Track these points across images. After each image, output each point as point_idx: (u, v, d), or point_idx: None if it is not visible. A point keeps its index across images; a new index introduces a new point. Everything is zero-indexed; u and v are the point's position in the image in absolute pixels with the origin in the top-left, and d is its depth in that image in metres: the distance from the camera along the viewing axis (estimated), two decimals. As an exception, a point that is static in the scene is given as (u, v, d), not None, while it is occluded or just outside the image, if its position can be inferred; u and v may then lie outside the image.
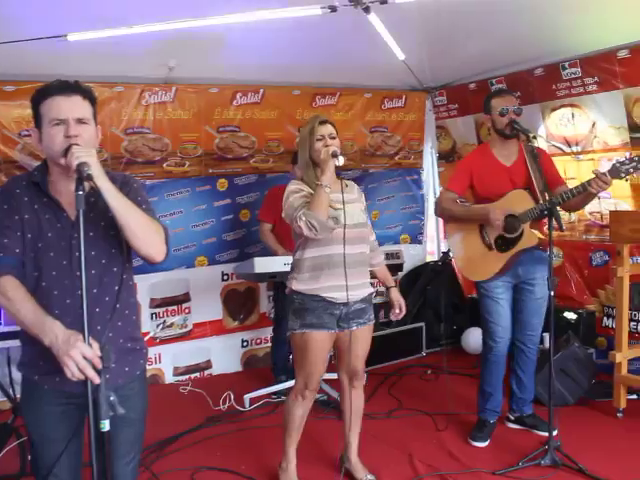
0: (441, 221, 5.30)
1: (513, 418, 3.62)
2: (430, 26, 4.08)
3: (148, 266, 1.96)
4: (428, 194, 5.93)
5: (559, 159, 4.53)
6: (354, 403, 3.05)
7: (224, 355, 4.99)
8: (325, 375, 3.19)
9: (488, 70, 4.89)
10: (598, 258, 4.51)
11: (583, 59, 4.23)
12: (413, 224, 5.92)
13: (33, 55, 3.50)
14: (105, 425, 1.62)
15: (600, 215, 4.38)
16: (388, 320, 5.10)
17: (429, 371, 4.72)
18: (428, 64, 4.95)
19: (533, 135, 3.22)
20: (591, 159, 4.42)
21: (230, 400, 4.19)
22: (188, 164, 4.72)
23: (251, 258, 4.03)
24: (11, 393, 3.59)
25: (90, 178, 1.65)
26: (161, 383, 4.65)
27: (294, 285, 2.84)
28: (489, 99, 3.44)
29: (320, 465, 3.23)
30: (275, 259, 3.98)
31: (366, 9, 3.21)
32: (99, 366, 1.62)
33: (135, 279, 2.03)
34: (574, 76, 4.31)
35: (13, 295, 1.73)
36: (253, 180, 5.03)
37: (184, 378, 4.76)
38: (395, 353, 4.89)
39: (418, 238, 5.95)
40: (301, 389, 2.88)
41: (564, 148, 4.59)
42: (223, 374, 4.91)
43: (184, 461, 3.32)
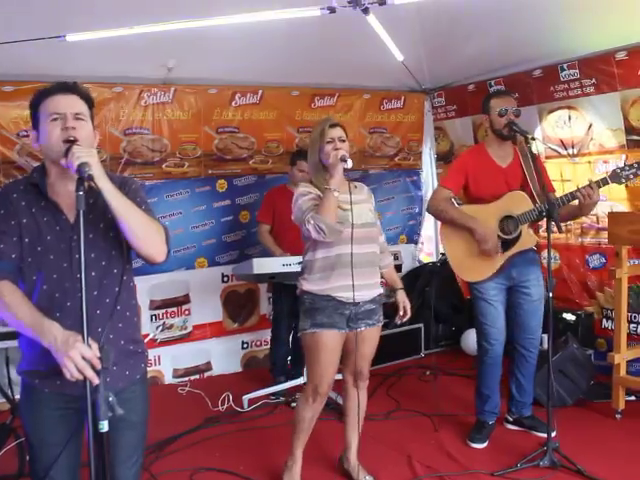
0: (439, 222, 5.30)
1: (512, 419, 3.62)
2: (429, 27, 4.09)
3: (148, 267, 1.95)
4: (427, 195, 5.94)
5: (555, 161, 4.55)
6: (357, 403, 3.04)
7: (224, 357, 4.98)
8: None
9: (487, 71, 4.90)
10: (595, 261, 4.51)
11: (582, 60, 4.24)
12: (412, 225, 5.93)
13: (32, 56, 3.50)
14: (104, 426, 1.62)
15: (596, 217, 4.38)
16: (387, 321, 5.10)
17: (428, 372, 4.72)
18: (427, 65, 4.96)
19: (532, 137, 3.22)
20: (587, 162, 4.42)
21: (229, 401, 4.19)
22: (187, 165, 4.72)
23: (250, 259, 4.03)
24: (9, 394, 3.58)
25: (91, 178, 1.64)
26: (160, 384, 4.65)
27: (305, 286, 2.84)
28: (488, 99, 3.44)
29: (320, 466, 3.23)
30: (274, 260, 3.97)
31: (365, 10, 3.21)
32: (98, 367, 1.62)
33: (135, 280, 2.02)
34: (572, 77, 4.32)
35: (10, 300, 1.73)
36: (252, 181, 5.03)
37: (184, 380, 4.75)
38: (394, 354, 4.88)
39: (414, 238, 5.97)
40: (312, 392, 2.88)
41: (560, 150, 4.59)
42: (222, 375, 4.91)
43: (183, 462, 3.32)
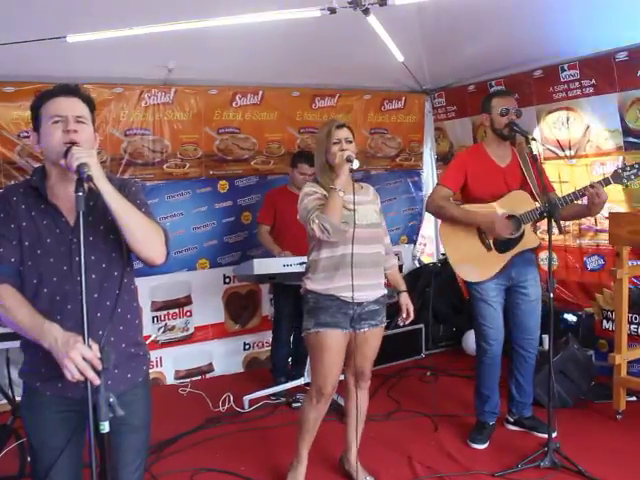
0: (439, 221, 5.30)
1: (512, 420, 3.62)
2: (429, 28, 4.10)
3: (149, 268, 1.95)
4: (427, 195, 5.94)
5: (553, 162, 4.55)
6: (359, 404, 3.05)
7: (226, 358, 4.98)
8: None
9: (487, 72, 4.90)
10: (593, 262, 4.50)
11: (582, 61, 4.24)
12: (412, 225, 5.93)
13: (33, 56, 3.51)
14: (105, 427, 1.62)
15: (594, 219, 4.38)
16: (388, 321, 5.10)
17: (428, 373, 4.72)
18: (427, 66, 4.97)
19: (532, 137, 3.22)
20: (584, 164, 4.42)
21: (229, 401, 4.19)
22: (188, 165, 4.72)
23: (250, 259, 4.02)
24: (10, 394, 3.58)
25: (90, 179, 1.64)
26: (161, 385, 4.65)
27: (309, 285, 2.85)
28: (489, 98, 3.45)
29: (321, 466, 3.23)
30: (275, 260, 3.97)
31: (365, 11, 3.21)
32: (99, 367, 1.61)
33: (136, 282, 2.02)
34: (572, 78, 4.32)
35: (9, 303, 1.72)
36: (254, 182, 5.02)
37: (185, 381, 4.73)
38: (394, 355, 4.88)
39: (413, 238, 5.96)
40: (316, 393, 2.88)
41: (557, 152, 4.60)
42: (222, 375, 4.90)
43: (184, 462, 3.32)
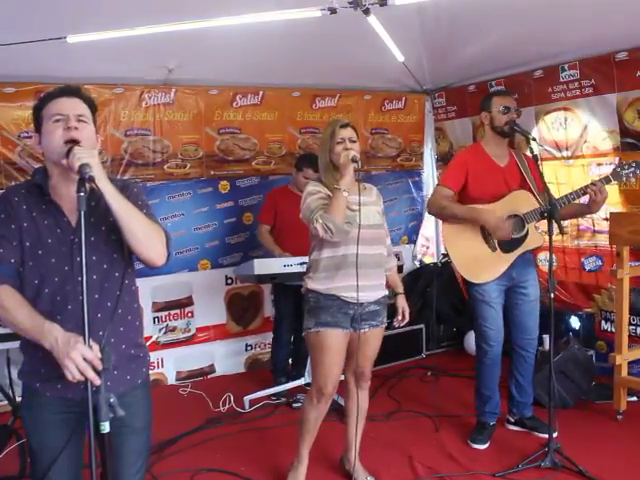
0: (440, 222, 5.30)
1: (513, 420, 3.62)
2: (430, 28, 4.09)
3: (150, 269, 1.95)
4: (428, 196, 5.94)
5: (549, 163, 4.54)
6: (359, 404, 3.05)
7: (228, 359, 4.97)
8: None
9: (488, 72, 4.90)
10: (591, 263, 4.50)
11: (582, 61, 4.24)
12: (413, 225, 5.93)
13: (33, 57, 3.51)
14: (105, 427, 1.62)
15: (592, 220, 4.38)
16: (388, 322, 5.10)
17: (429, 373, 4.71)
18: (427, 66, 4.97)
19: (533, 137, 3.23)
20: (581, 164, 4.42)
21: (230, 402, 4.19)
22: (189, 166, 4.72)
23: (251, 259, 4.02)
24: (11, 395, 3.58)
25: (92, 180, 1.64)
26: (161, 385, 4.65)
27: (310, 284, 2.85)
28: (489, 97, 3.46)
29: (321, 466, 3.23)
30: (275, 260, 3.97)
31: (366, 11, 3.21)
32: (99, 367, 1.61)
33: (137, 282, 2.01)
34: (572, 78, 4.32)
35: (9, 303, 1.72)
36: (255, 182, 5.02)
37: (186, 382, 4.71)
38: (395, 355, 4.88)
39: (413, 238, 5.96)
40: (316, 393, 2.88)
41: (555, 152, 4.60)
42: (223, 375, 4.90)
43: (184, 463, 3.32)
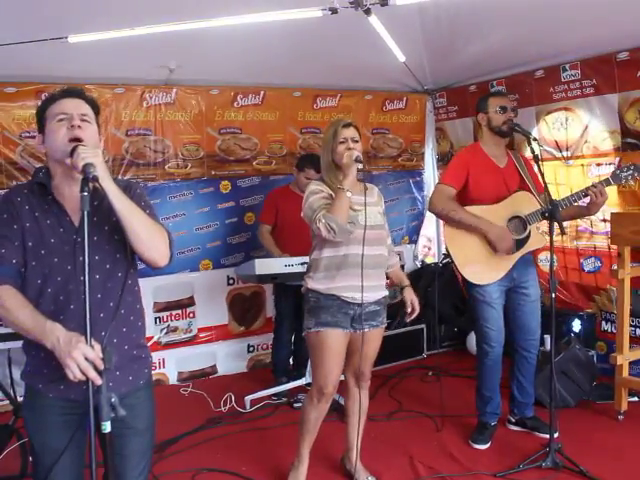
0: (441, 222, 5.30)
1: (514, 420, 3.62)
2: (430, 28, 4.09)
3: (152, 269, 1.95)
4: (429, 196, 5.94)
5: (549, 164, 4.53)
6: (359, 404, 3.05)
7: (230, 360, 4.96)
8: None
9: (489, 72, 4.90)
10: (590, 264, 4.50)
11: (583, 61, 4.24)
12: (414, 225, 5.93)
13: (34, 57, 3.51)
14: (106, 427, 1.62)
15: (590, 221, 4.37)
16: (389, 322, 5.09)
17: (430, 373, 4.71)
18: (428, 66, 4.97)
19: (534, 137, 3.23)
20: (581, 164, 4.42)
21: (231, 401, 4.19)
22: (190, 166, 4.72)
23: (252, 259, 4.02)
24: (12, 394, 3.58)
25: (96, 179, 1.65)
26: (162, 385, 4.64)
27: (310, 284, 2.85)
28: (485, 98, 3.47)
29: (322, 466, 3.23)
30: (276, 260, 3.97)
31: (367, 11, 3.21)
32: (101, 367, 1.61)
33: (139, 283, 2.01)
34: (573, 78, 4.32)
35: (10, 304, 1.72)
36: (256, 182, 5.02)
37: (188, 382, 4.70)
38: (396, 355, 4.88)
39: (414, 238, 5.96)
40: (316, 392, 2.89)
41: (555, 153, 4.59)
42: (224, 375, 4.90)
43: (185, 463, 3.33)
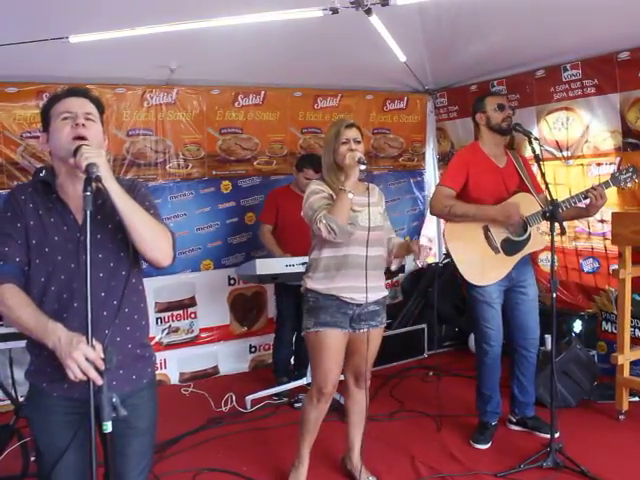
0: (442, 222, 5.30)
1: (515, 420, 3.62)
2: (431, 28, 4.09)
3: (153, 269, 1.95)
4: (430, 196, 5.93)
5: (549, 164, 4.52)
6: (359, 404, 3.06)
7: (231, 361, 4.96)
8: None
9: (489, 72, 4.90)
10: (589, 265, 4.51)
11: (584, 61, 4.24)
12: (415, 225, 5.92)
13: (35, 57, 3.51)
14: (108, 427, 1.62)
15: (587, 222, 4.36)
16: (390, 322, 5.09)
17: (431, 373, 4.71)
18: (429, 66, 4.97)
19: (535, 137, 3.23)
20: (580, 164, 4.42)
21: (232, 402, 4.19)
22: (191, 166, 4.73)
23: (253, 260, 4.02)
24: (13, 394, 3.59)
25: (99, 180, 1.65)
26: (164, 385, 4.64)
27: (309, 284, 2.85)
28: (482, 98, 3.48)
29: (323, 466, 3.23)
30: (277, 260, 3.97)
31: (367, 11, 3.21)
32: (102, 368, 1.61)
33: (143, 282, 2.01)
34: (574, 78, 4.32)
35: (13, 302, 1.72)
36: (257, 182, 5.02)
37: (190, 383, 4.70)
38: (397, 355, 4.88)
39: (414, 238, 5.94)
40: (316, 392, 2.89)
41: (555, 152, 4.59)
42: (225, 375, 4.90)
43: (186, 462, 3.33)
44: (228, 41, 3.69)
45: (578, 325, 4.41)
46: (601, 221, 4.23)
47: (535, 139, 3.22)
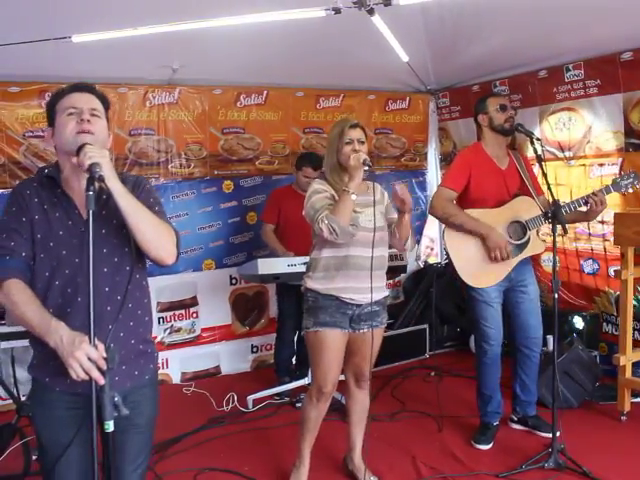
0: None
1: (516, 419, 3.62)
2: (434, 28, 4.09)
3: (154, 269, 1.95)
4: (431, 196, 5.93)
5: (551, 164, 4.51)
6: (360, 404, 3.06)
7: (233, 361, 4.96)
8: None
9: (492, 72, 4.89)
10: (589, 266, 4.50)
11: (587, 61, 4.23)
12: (417, 226, 5.91)
13: (38, 56, 3.52)
14: (110, 426, 1.62)
15: (587, 224, 4.35)
16: (391, 322, 5.09)
17: (433, 373, 4.71)
18: (432, 66, 4.97)
19: (537, 138, 3.22)
20: (582, 164, 4.42)
21: (233, 401, 4.19)
22: (193, 165, 4.73)
23: (255, 259, 4.03)
24: (15, 393, 3.59)
25: (102, 179, 1.65)
26: (165, 384, 4.64)
27: (309, 283, 2.84)
28: (483, 99, 3.48)
29: (325, 466, 3.23)
30: (279, 260, 3.97)
31: (370, 11, 3.21)
32: (104, 368, 1.61)
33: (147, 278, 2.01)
34: (576, 78, 4.31)
35: (19, 298, 1.72)
36: (259, 182, 5.03)
37: (192, 383, 4.70)
38: (398, 355, 4.88)
39: (416, 238, 5.95)
40: (316, 392, 2.89)
41: (557, 153, 4.59)
42: (227, 375, 4.91)
43: (187, 462, 3.33)
44: (230, 41, 3.69)
45: (580, 326, 4.41)
46: (601, 222, 4.22)
47: (537, 139, 3.22)
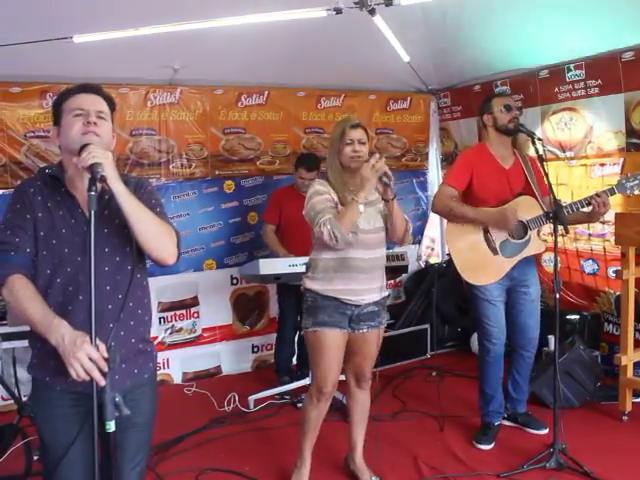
0: (445, 222, 5.29)
1: (506, 415, 3.63)
2: (435, 28, 4.09)
3: (155, 269, 1.96)
4: (433, 196, 5.92)
5: (552, 164, 4.50)
6: (361, 404, 3.06)
7: (234, 361, 4.96)
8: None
9: (493, 72, 4.88)
10: (589, 267, 4.50)
11: (588, 61, 4.22)
12: (418, 226, 5.91)
13: (39, 57, 3.52)
14: (111, 426, 1.63)
15: (587, 224, 4.35)
16: (392, 322, 5.10)
17: (434, 373, 4.71)
18: (433, 66, 4.97)
19: (538, 137, 3.22)
20: (583, 164, 4.41)
21: (235, 401, 4.19)
22: (194, 166, 4.73)
23: (256, 259, 4.03)
24: (16, 393, 3.60)
25: (104, 180, 1.66)
26: (166, 384, 4.65)
27: (308, 284, 2.84)
28: (488, 99, 3.48)
29: (326, 466, 3.23)
30: (280, 260, 3.97)
31: (371, 11, 3.21)
32: (105, 369, 1.62)
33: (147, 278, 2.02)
34: (578, 78, 4.31)
35: (22, 293, 1.73)
36: (260, 182, 5.03)
37: (193, 383, 4.70)
38: (400, 355, 4.88)
39: (418, 238, 5.95)
40: (316, 391, 2.89)
41: (558, 153, 4.58)
42: (228, 375, 4.91)
43: (189, 462, 3.33)
44: (231, 41, 3.70)
45: (581, 326, 4.40)
46: (602, 222, 4.22)
47: (538, 139, 3.21)
